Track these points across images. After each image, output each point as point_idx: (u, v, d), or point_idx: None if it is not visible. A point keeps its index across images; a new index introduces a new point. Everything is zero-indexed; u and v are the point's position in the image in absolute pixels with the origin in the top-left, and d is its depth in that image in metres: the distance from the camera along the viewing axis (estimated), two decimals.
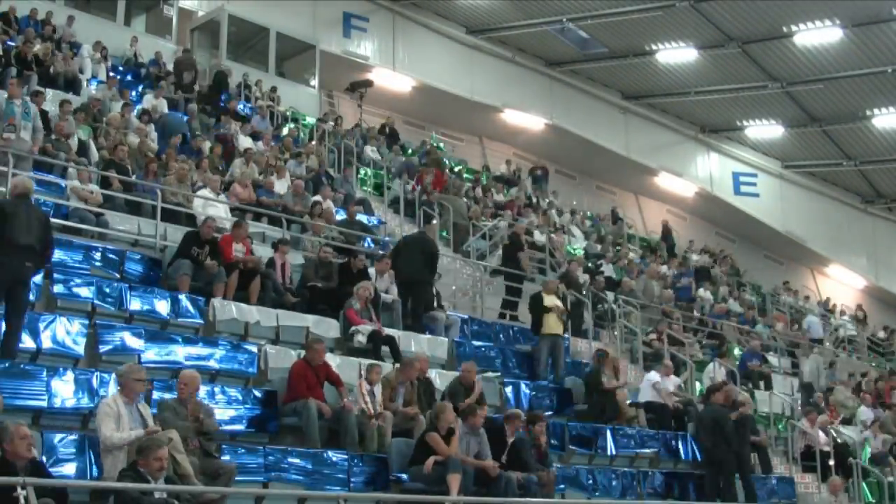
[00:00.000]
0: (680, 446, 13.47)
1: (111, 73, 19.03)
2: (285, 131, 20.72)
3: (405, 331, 12.51)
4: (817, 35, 24.80)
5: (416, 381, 10.75)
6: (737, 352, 19.10)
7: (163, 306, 10.29)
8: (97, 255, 10.79)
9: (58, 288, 9.89)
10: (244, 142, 17.56)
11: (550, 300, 13.90)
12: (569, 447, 12.14)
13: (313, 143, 20.72)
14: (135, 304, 10.16)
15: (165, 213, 12.25)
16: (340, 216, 16.00)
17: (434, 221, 17.90)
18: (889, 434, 16.12)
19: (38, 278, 9.72)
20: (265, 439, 9.36)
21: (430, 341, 12.64)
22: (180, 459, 7.37)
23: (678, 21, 25.33)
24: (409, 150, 24.30)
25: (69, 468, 7.50)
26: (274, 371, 10.24)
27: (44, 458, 7.21)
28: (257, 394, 9.65)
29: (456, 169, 24.54)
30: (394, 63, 27.05)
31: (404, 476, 9.44)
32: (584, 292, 16.82)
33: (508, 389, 12.57)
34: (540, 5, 25.82)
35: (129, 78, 19.84)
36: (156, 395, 8.65)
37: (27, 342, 8.76)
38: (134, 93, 18.46)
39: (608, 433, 12.55)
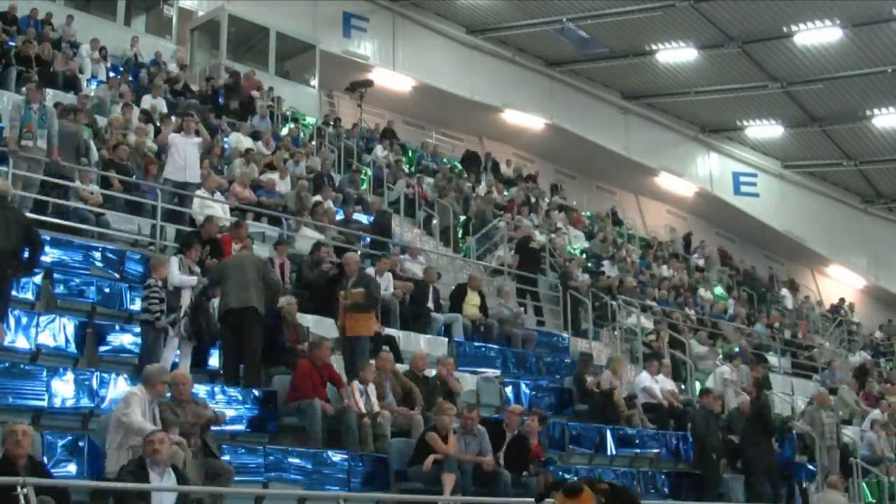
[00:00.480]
0: (680, 446, 13.46)
1: (111, 73, 19.02)
2: (285, 131, 20.71)
3: (405, 330, 12.51)
4: (817, 35, 24.80)
5: (413, 377, 10.76)
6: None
7: None
8: (97, 255, 10.80)
9: (58, 288, 9.90)
10: (244, 142, 17.55)
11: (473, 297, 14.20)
12: (569, 447, 12.13)
13: (313, 142, 20.71)
14: (135, 304, 10.16)
15: (165, 212, 12.26)
16: (340, 216, 16.01)
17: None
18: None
19: (38, 278, 9.75)
20: (265, 439, 9.36)
21: (431, 341, 12.65)
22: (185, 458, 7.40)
23: (678, 21, 25.33)
24: (410, 150, 24.29)
25: (69, 468, 7.50)
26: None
27: (44, 459, 7.22)
28: (257, 394, 9.64)
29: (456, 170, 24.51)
30: (394, 63, 27.04)
31: (405, 476, 9.44)
32: (585, 292, 16.86)
33: (508, 389, 12.58)
34: (540, 5, 25.82)
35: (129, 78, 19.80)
36: None
37: (27, 342, 8.77)
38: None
39: (608, 433, 12.55)
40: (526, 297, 16.97)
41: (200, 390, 8.94)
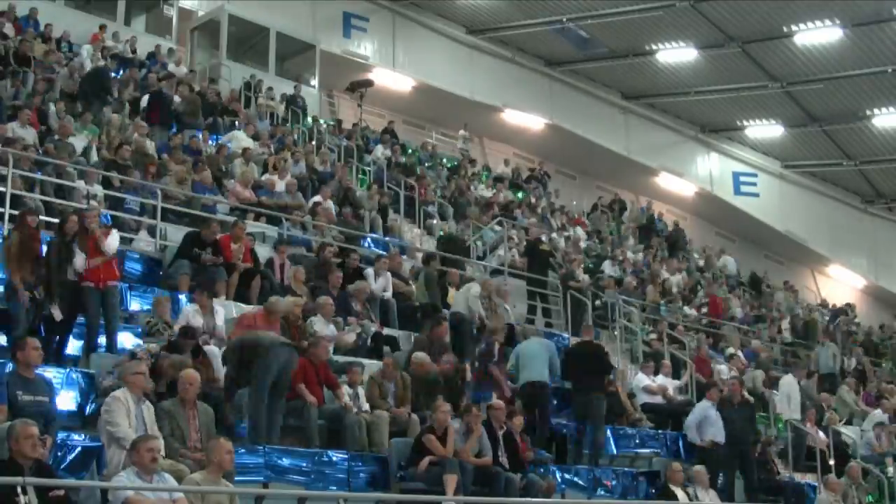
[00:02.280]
0: (680, 446, 13.45)
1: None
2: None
3: (404, 330, 12.51)
4: (817, 35, 24.86)
5: (412, 378, 10.73)
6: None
7: None
8: None
9: None
10: (244, 142, 17.55)
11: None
12: (569, 447, 12.11)
13: (313, 142, 20.71)
14: (135, 305, 10.15)
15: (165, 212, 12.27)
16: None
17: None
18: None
19: None
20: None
21: None
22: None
23: (678, 21, 25.35)
24: (409, 150, 24.29)
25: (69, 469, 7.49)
26: None
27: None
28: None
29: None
30: (394, 63, 27.07)
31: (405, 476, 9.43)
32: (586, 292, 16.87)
33: None
34: (540, 5, 25.84)
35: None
36: None
37: None
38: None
39: (608, 433, 12.54)
40: (536, 298, 17.00)
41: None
